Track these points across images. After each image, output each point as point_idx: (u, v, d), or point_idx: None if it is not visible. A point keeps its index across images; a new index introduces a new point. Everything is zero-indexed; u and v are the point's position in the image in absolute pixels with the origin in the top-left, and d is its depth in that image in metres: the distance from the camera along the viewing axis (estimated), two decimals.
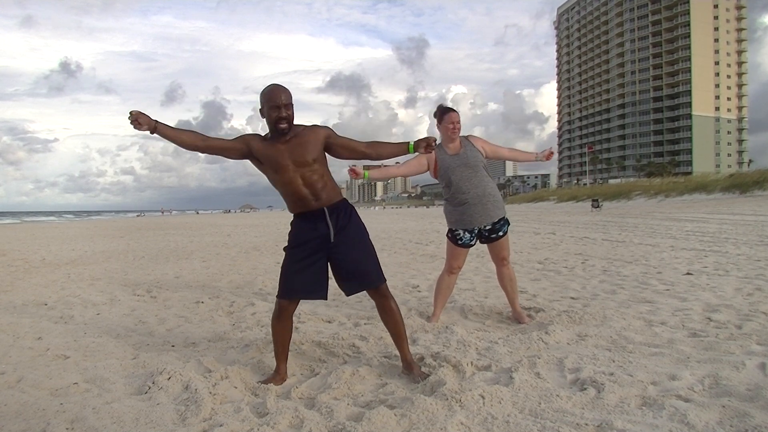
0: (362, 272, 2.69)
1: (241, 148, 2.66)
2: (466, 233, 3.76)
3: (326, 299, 2.78)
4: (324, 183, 2.68)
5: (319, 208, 2.66)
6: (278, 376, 2.76)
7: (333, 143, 2.70)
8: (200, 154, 2.69)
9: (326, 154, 2.73)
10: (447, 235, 3.88)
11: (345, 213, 2.72)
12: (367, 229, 2.79)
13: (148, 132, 2.48)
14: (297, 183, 2.63)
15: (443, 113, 3.73)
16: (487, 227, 3.76)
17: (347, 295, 2.77)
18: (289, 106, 2.59)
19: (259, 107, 2.63)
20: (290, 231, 2.77)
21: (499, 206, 3.77)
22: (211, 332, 3.88)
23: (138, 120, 2.42)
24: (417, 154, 2.83)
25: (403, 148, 2.75)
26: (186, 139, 2.57)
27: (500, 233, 3.79)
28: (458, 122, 3.71)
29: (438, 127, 3.78)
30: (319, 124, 2.74)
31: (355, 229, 2.73)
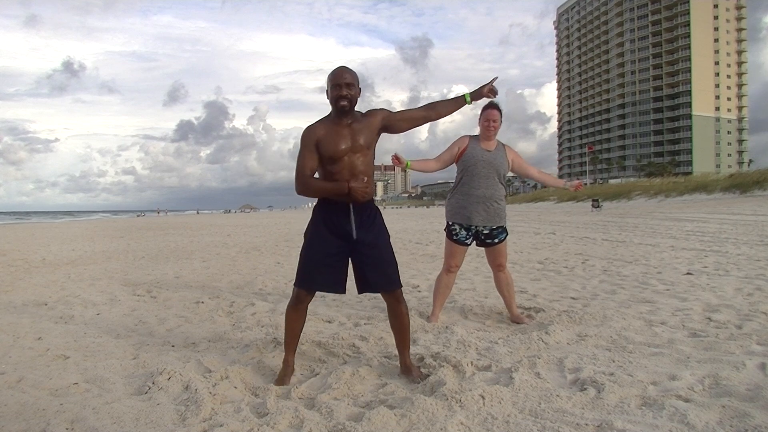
0: (381, 275, 2.68)
1: (316, 153, 2.61)
2: (462, 230, 3.77)
3: (344, 293, 2.76)
4: (367, 179, 2.63)
5: (348, 203, 2.63)
6: (288, 368, 2.75)
7: (392, 122, 2.70)
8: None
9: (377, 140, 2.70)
10: (444, 230, 3.90)
11: (371, 213, 2.70)
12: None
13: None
14: (343, 172, 2.60)
15: (484, 108, 3.71)
16: (484, 231, 3.77)
17: (360, 293, 2.74)
18: (352, 86, 2.57)
19: (326, 89, 2.63)
20: (313, 218, 2.73)
21: (500, 214, 3.79)
22: (211, 332, 3.88)
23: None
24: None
25: (460, 102, 2.81)
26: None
27: (496, 240, 3.81)
28: (495, 121, 3.69)
29: (478, 121, 3.79)
30: (376, 108, 2.73)
31: (379, 230, 2.71)
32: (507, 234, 3.87)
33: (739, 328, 3.42)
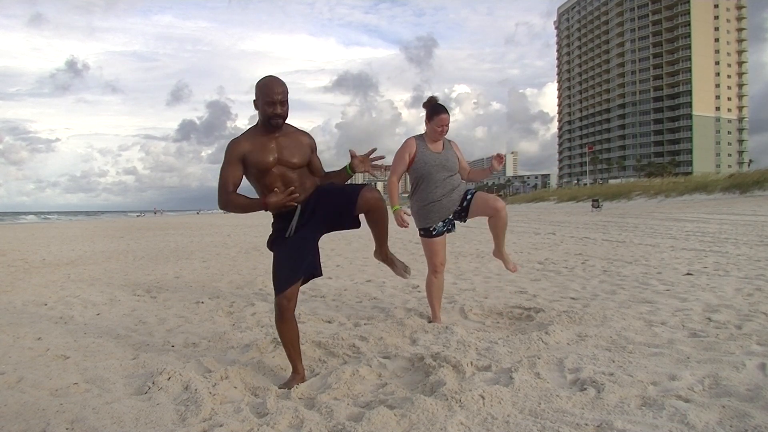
0: (349, 197, 2.62)
1: (240, 167, 2.61)
2: (439, 222, 3.77)
3: (303, 277, 2.72)
4: (301, 183, 2.65)
5: (294, 207, 2.64)
6: (298, 376, 2.74)
7: (311, 158, 2.74)
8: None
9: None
10: (419, 234, 3.85)
11: (310, 201, 2.69)
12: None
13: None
14: (276, 183, 2.59)
15: (434, 112, 3.69)
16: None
17: (351, 225, 2.72)
18: (285, 102, 2.55)
19: (254, 99, 2.59)
20: (272, 233, 2.76)
21: (461, 193, 3.77)
22: (211, 332, 3.88)
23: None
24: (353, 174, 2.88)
25: (343, 175, 2.84)
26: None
27: (469, 196, 3.75)
28: (447, 125, 3.72)
29: (426, 123, 3.77)
30: (307, 132, 2.74)
31: (318, 196, 2.69)
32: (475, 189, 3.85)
33: (739, 328, 3.42)
